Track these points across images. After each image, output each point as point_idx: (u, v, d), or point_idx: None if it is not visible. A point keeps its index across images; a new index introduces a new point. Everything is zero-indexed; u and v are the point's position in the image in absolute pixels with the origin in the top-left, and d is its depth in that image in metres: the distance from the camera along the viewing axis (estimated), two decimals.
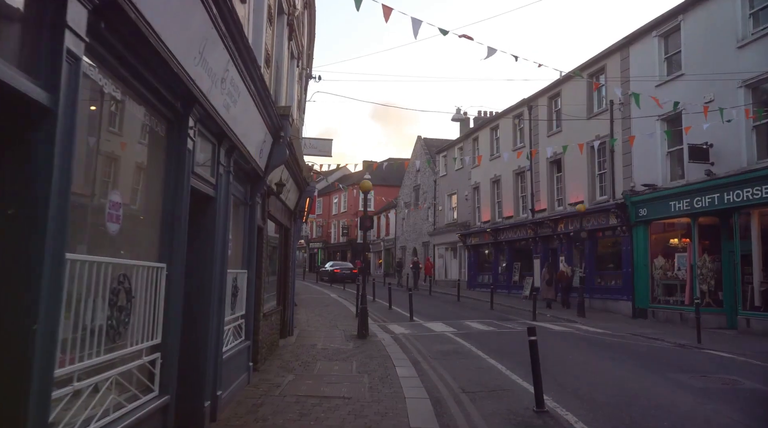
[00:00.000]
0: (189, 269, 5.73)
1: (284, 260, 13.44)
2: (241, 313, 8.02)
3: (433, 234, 39.79)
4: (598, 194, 22.28)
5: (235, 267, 7.94)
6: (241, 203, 8.20)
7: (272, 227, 11.65)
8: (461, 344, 13.02)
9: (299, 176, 12.07)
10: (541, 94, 26.39)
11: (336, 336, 14.01)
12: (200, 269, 5.86)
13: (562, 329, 15.92)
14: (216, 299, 6.15)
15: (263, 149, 7.97)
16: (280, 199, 11.03)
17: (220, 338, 6.37)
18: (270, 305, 11.33)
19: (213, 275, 5.96)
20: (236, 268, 7.95)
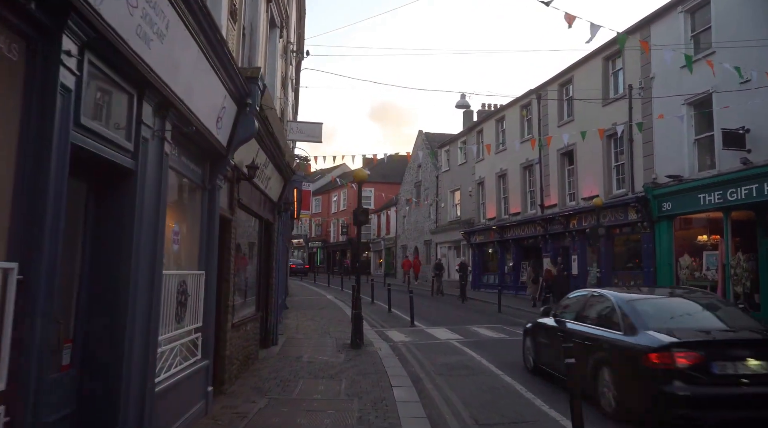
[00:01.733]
0: (90, 271, 4.05)
1: (266, 260, 11.75)
2: (195, 326, 6.32)
3: (435, 232, 38.07)
4: (615, 188, 20.54)
5: (187, 267, 6.25)
6: (196, 186, 6.50)
7: (248, 220, 9.95)
8: (469, 355, 11.32)
9: (281, 160, 10.38)
10: (551, 82, 24.64)
11: (327, 345, 12.31)
12: (106, 271, 4.17)
13: None
14: (140, 313, 4.45)
15: (223, 118, 6.27)
16: (255, 186, 9.33)
17: (150, 364, 4.67)
18: (246, 312, 9.64)
19: (131, 279, 4.27)
20: (188, 268, 6.26)
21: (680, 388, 5.86)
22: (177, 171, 5.71)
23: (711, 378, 5.91)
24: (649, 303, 7.45)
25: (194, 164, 6.30)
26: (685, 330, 6.51)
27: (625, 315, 7.01)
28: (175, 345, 5.67)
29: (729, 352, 6.16)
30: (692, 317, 7.11)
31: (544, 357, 9.07)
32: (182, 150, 5.81)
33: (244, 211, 9.08)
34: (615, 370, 6.74)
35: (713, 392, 5.87)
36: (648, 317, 6.84)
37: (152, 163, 4.63)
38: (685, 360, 5.95)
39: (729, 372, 5.97)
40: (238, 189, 8.23)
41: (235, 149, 6.96)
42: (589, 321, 7.87)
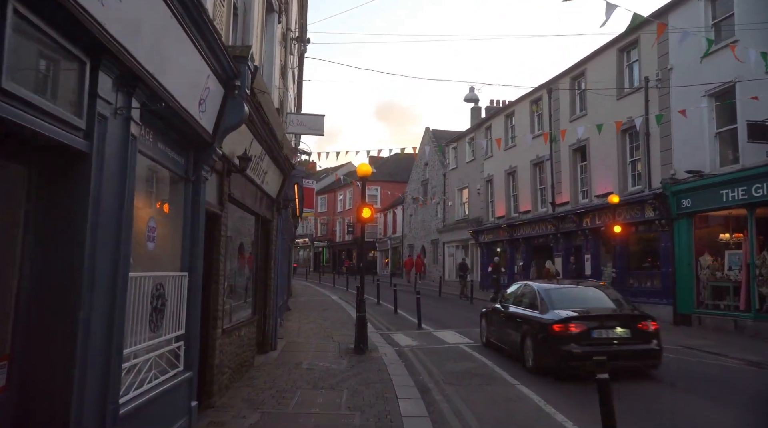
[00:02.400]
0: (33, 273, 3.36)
1: (265, 259, 11.06)
2: (176, 333, 5.63)
3: (442, 231, 37.32)
4: (631, 184, 19.73)
5: (167, 268, 5.56)
6: (178, 177, 5.81)
7: (243, 217, 9.26)
8: (480, 361, 10.58)
9: (278, 153, 9.67)
10: (562, 76, 23.83)
11: (329, 350, 11.60)
12: (55, 273, 3.48)
13: None
14: (98, 322, 3.76)
15: (207, 101, 5.57)
16: (250, 180, 8.63)
17: (111, 382, 3.97)
18: (240, 315, 8.95)
19: (85, 282, 3.57)
20: (168, 269, 5.57)
21: (573, 347, 8.65)
22: (152, 158, 5.01)
23: (592, 340, 8.76)
24: (558, 291, 10.35)
25: (175, 152, 5.60)
26: (577, 309, 9.31)
27: (542, 300, 9.89)
28: (149, 357, 4.97)
29: (604, 323, 9.03)
30: (584, 300, 9.95)
31: (493, 335, 11.85)
32: (159, 135, 5.11)
33: (237, 206, 8.39)
34: (533, 338, 9.47)
35: (593, 349, 8.18)
36: (555, 300, 9.75)
37: (114, 145, 3.92)
38: (575, 328, 8.82)
39: (603, 336, 8.89)
40: (230, 182, 7.53)
41: (223, 137, 6.26)
42: (522, 305, 10.65)
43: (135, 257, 4.81)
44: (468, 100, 18.77)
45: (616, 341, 8.86)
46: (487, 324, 12.27)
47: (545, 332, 9.11)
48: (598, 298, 10.22)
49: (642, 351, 8.91)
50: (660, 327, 9.46)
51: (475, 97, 18.63)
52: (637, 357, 8.86)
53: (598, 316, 9.17)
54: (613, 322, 9.07)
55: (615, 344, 8.82)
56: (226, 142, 6.95)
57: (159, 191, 5.58)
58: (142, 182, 4.96)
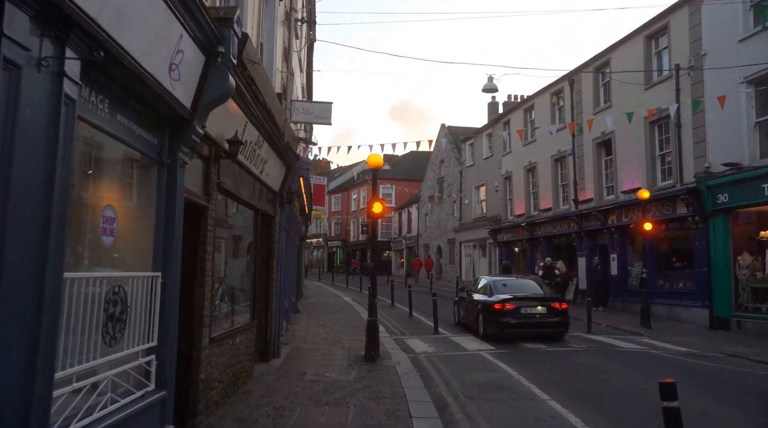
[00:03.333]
0: None
1: (266, 259, 10.13)
2: (145, 346, 4.70)
3: (459, 230, 36.22)
4: (660, 179, 18.54)
5: (132, 268, 4.64)
6: (149, 160, 4.88)
7: (238, 211, 8.34)
8: (504, 371, 9.55)
9: (279, 140, 8.73)
10: (585, 66, 22.66)
11: (337, 357, 10.64)
12: None
13: (633, 347, 12.31)
14: (14, 340, 2.83)
15: (180, 66, 4.63)
16: (245, 169, 7.70)
17: (34, 417, 3.03)
18: (236, 320, 8.03)
19: None
20: (135, 269, 4.64)
21: (508, 319, 12.35)
22: (108, 133, 4.08)
23: (521, 315, 12.53)
24: (500, 282, 14.32)
25: (144, 130, 4.67)
26: (511, 293, 13.07)
27: (490, 288, 13.65)
28: (103, 378, 4.04)
29: (529, 303, 12.70)
30: (519, 288, 13.71)
31: (462, 315, 15.61)
32: (119, 106, 4.19)
33: (230, 198, 7.46)
34: (484, 313, 13.01)
35: (522, 321, 12.46)
36: (499, 288, 13.56)
37: (34, 106, 2.99)
38: (509, 306, 12.47)
39: (528, 312, 12.56)
40: (218, 170, 6.60)
41: (205, 114, 5.33)
42: (479, 292, 14.26)
43: (84, 253, 3.90)
44: (487, 90, 17.68)
45: (537, 315, 12.68)
46: (458, 308, 16.08)
47: (491, 309, 12.86)
48: (529, 286, 14.18)
49: (553, 322, 12.81)
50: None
51: (494, 86, 17.50)
52: (550, 327, 12.80)
53: (525, 298, 13.06)
54: (535, 302, 12.92)
55: (536, 317, 12.68)
56: (213, 123, 6.03)
57: (122, 175, 4.66)
58: (93, 163, 4.04)
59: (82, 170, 4.00)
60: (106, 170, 4.38)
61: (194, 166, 6.15)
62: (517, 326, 12.40)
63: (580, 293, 22.59)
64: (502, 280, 14.77)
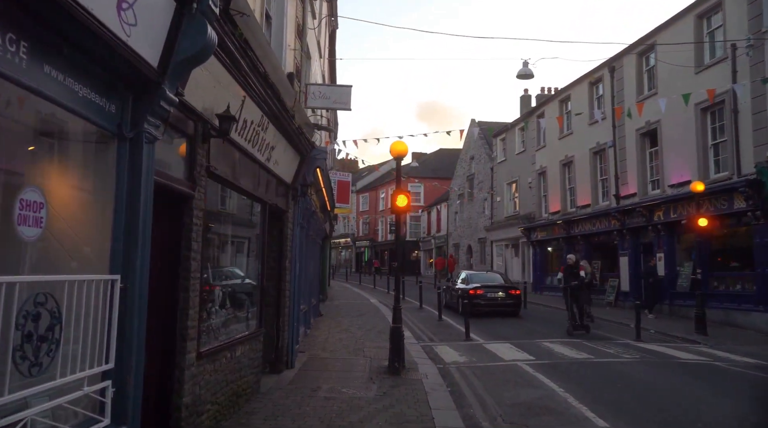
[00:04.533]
0: None
1: (277, 258, 9.07)
2: (93, 371, 3.62)
3: (490, 229, 34.82)
4: (713, 171, 16.97)
5: (78, 269, 3.57)
6: (104, 132, 3.82)
7: (239, 203, 7.28)
8: (548, 387, 8.29)
9: (289, 124, 7.63)
10: (627, 52, 21.11)
11: (357, 368, 9.51)
12: None
13: (692, 358, 10.90)
14: None
15: (135, 8, 3.55)
16: (245, 153, 6.61)
17: None
18: (237, 329, 6.96)
19: None
20: (80, 271, 3.58)
21: (479, 301, 17.15)
22: (28, 88, 3.02)
23: (488, 298, 17.58)
24: (475, 275, 19.98)
25: (93, 92, 3.60)
26: (481, 283, 18.25)
27: (467, 279, 18.94)
28: (19, 419, 2.96)
29: (493, 290, 17.83)
30: (486, 279, 19.11)
31: (447, 300, 19.53)
32: (45, 53, 3.12)
33: (226, 187, 6.39)
34: (462, 297, 16.75)
35: (488, 302, 17.50)
36: (473, 279, 18.94)
37: None
38: (480, 291, 17.55)
39: (493, 295, 17.61)
40: (208, 152, 5.52)
41: (179, 75, 4.24)
42: (460, 282, 19.03)
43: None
44: (521, 76, 16.33)
45: (498, 298, 17.55)
46: (445, 294, 19.69)
47: (467, 294, 17.16)
48: (495, 278, 19.90)
49: (509, 303, 17.81)
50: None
51: (529, 72, 16.14)
52: (507, 306, 17.65)
53: (491, 286, 18.18)
54: (498, 289, 17.92)
55: (498, 300, 17.55)
56: (199, 94, 4.98)
57: (60, 149, 3.60)
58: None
59: None
60: (29, 139, 3.31)
61: (176, 146, 5.10)
62: (484, 305, 17.42)
63: (622, 295, 21.09)
64: (476, 274, 20.83)
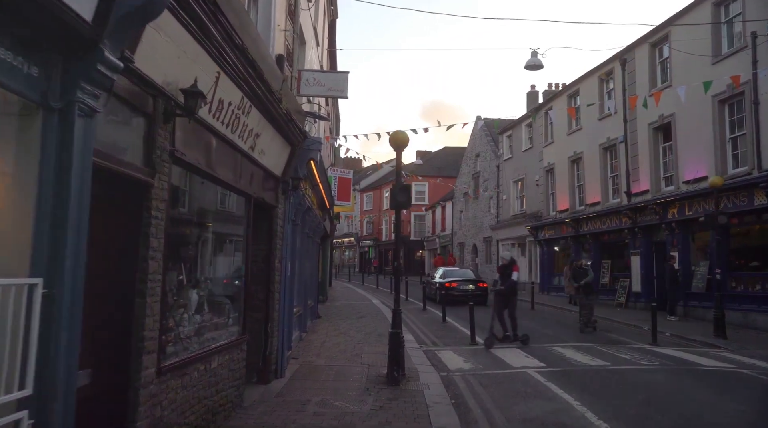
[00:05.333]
0: None
1: (265, 258, 8.32)
2: (2, 399, 2.87)
3: (496, 228, 34.00)
4: (731, 166, 16.14)
5: None
6: (25, 100, 3.07)
7: (215, 194, 6.53)
8: (562, 399, 7.51)
9: (275, 108, 6.87)
10: (639, 44, 20.29)
11: (353, 377, 8.76)
12: None
13: (716, 365, 10.09)
14: None
15: None
16: (223, 139, 5.85)
17: None
18: (215, 337, 6.21)
19: None
20: None
21: (453, 292, 20.88)
22: None
23: (460, 290, 21.17)
24: (450, 271, 23.88)
25: (9, 51, 2.86)
26: (455, 277, 22.48)
27: (444, 274, 23.06)
28: None
29: (465, 283, 21.99)
30: (460, 274, 23.24)
31: (427, 293, 22.65)
32: None
33: (198, 176, 5.64)
34: (440, 289, 21.14)
35: (460, 293, 20.65)
36: (449, 274, 23.03)
37: None
38: (454, 284, 21.66)
39: (464, 288, 21.37)
40: (173, 134, 4.77)
41: (124, 34, 3.49)
42: (438, 277, 22.69)
43: None
44: (530, 66, 15.54)
45: (469, 290, 20.63)
46: (425, 288, 23.31)
47: (444, 286, 21.14)
48: (467, 274, 23.81)
49: (478, 294, 20.63)
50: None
51: (538, 62, 15.35)
52: (476, 296, 19.35)
53: (463, 280, 21.99)
54: (469, 283, 21.73)
55: (469, 291, 20.39)
56: (160, 65, 4.28)
57: None
58: None
59: None
60: None
61: (132, 126, 4.35)
62: (457, 296, 20.22)
63: (633, 295, 20.27)
64: (452, 270, 24.39)
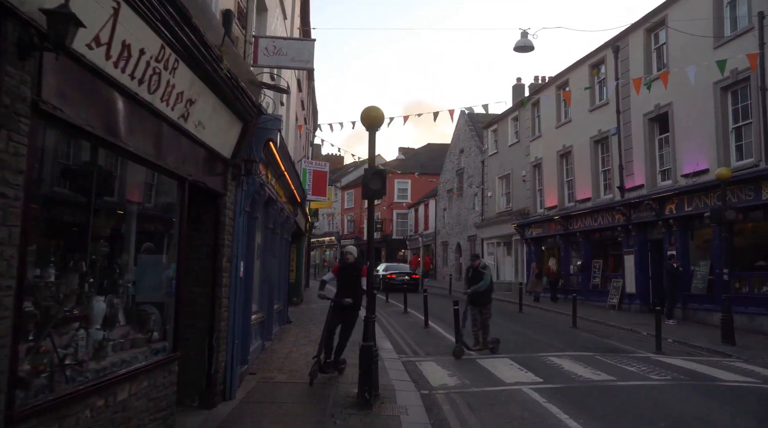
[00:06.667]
0: None
1: (210, 255, 6.90)
2: None
3: (480, 226, 32.77)
4: (735, 158, 15.01)
5: None
6: None
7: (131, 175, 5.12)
8: (566, 427, 6.19)
9: (216, 71, 5.45)
10: (633, 29, 19.14)
11: (317, 399, 7.36)
12: None
13: (735, 378, 8.85)
14: None
15: None
16: (132, 97, 4.41)
17: None
18: (119, 360, 4.79)
19: None
20: None
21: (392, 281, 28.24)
22: None
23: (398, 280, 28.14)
24: (390, 266, 32.09)
25: None
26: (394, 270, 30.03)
27: (386, 268, 30.72)
28: None
29: (401, 275, 29.03)
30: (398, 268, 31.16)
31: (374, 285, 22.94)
32: None
33: (97, 145, 4.22)
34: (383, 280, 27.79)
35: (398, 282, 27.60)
36: (389, 269, 30.41)
37: None
38: (393, 276, 28.71)
39: (401, 279, 28.26)
40: (38, 78, 3.35)
41: None
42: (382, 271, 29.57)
43: None
44: (520, 48, 14.26)
45: (405, 281, 27.35)
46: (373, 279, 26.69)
47: (386, 277, 28.01)
48: (404, 267, 31.55)
49: (411, 283, 27.93)
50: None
51: (528, 43, 14.08)
52: (410, 285, 27.07)
53: (400, 272, 29.00)
54: (405, 274, 28.66)
55: (405, 281, 27.30)
56: None
57: None
58: None
59: None
60: None
61: None
62: (396, 285, 25.94)
63: (627, 297, 19.12)
64: (391, 265, 31.37)
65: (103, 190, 4.86)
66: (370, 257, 7.98)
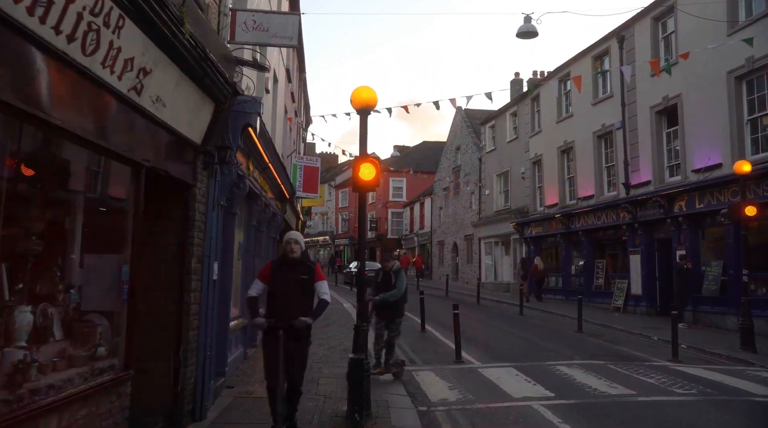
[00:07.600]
0: None
1: (178, 258, 6.00)
2: None
3: (478, 225, 31.90)
4: (751, 151, 14.16)
5: None
6: None
7: None
8: None
9: (173, 30, 4.56)
10: (639, 18, 18.30)
11: (299, 418, 6.46)
12: None
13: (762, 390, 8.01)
14: None
15: None
16: (55, 55, 3.51)
17: None
18: (47, 386, 3.89)
19: None
20: None
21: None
22: None
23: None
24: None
25: None
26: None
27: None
28: None
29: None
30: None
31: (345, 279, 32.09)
32: None
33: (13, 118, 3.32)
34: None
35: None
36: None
37: None
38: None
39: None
40: None
41: None
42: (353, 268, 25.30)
43: None
44: (522, 34, 13.41)
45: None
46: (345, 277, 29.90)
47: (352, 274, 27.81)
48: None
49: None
50: None
51: (532, 29, 13.23)
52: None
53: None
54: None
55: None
56: None
57: None
58: None
59: None
60: None
61: None
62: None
63: (633, 299, 18.28)
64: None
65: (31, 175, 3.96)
66: (361, 257, 7.07)
